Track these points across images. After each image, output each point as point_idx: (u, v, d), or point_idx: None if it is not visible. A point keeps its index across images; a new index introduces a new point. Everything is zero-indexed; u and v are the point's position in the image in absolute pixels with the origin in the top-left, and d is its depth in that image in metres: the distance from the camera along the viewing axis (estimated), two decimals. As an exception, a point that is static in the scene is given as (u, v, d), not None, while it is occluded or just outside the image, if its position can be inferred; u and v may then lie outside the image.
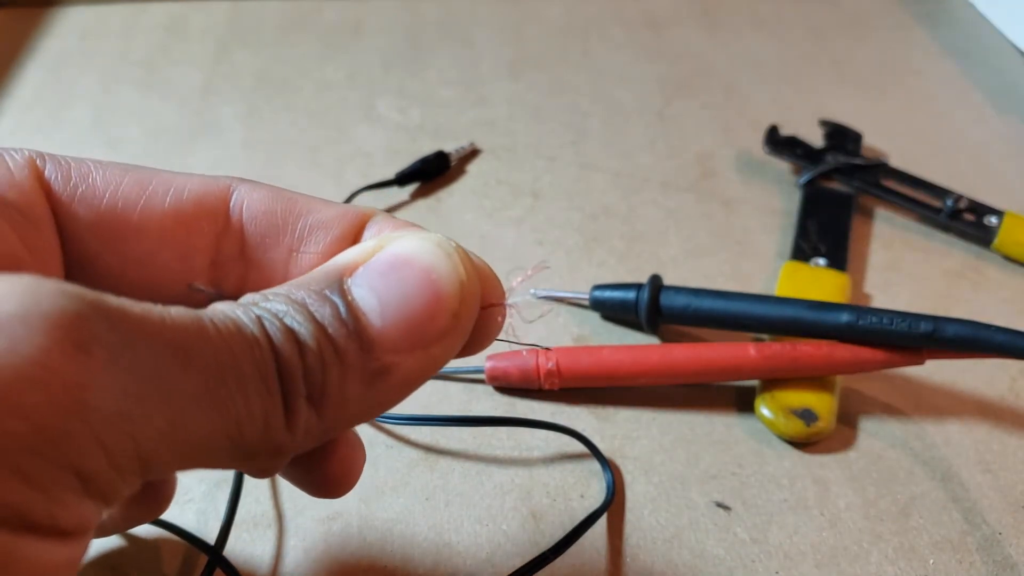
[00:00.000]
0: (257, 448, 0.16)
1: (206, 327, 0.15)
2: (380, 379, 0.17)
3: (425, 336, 0.17)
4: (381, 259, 0.17)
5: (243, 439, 0.15)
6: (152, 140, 0.49)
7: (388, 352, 0.17)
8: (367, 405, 0.17)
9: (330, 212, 0.20)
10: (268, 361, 0.15)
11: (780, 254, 0.43)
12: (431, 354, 0.17)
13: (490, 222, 0.45)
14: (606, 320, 0.39)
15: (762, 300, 0.35)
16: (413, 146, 0.49)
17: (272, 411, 0.15)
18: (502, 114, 0.52)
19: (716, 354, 0.35)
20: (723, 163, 0.49)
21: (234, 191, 0.20)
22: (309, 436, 0.16)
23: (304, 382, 0.16)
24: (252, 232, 0.20)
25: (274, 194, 0.20)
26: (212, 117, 0.51)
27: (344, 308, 0.16)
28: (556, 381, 0.35)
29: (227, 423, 0.15)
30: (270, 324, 0.16)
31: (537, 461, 0.33)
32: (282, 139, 0.50)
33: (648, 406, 0.36)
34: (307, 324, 0.16)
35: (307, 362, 0.16)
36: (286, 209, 0.20)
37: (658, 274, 0.38)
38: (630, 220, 0.45)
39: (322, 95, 0.53)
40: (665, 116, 0.53)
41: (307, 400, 0.16)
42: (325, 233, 0.20)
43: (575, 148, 0.50)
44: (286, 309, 0.16)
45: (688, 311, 0.36)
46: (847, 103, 0.54)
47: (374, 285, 0.17)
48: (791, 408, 0.34)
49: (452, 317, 0.17)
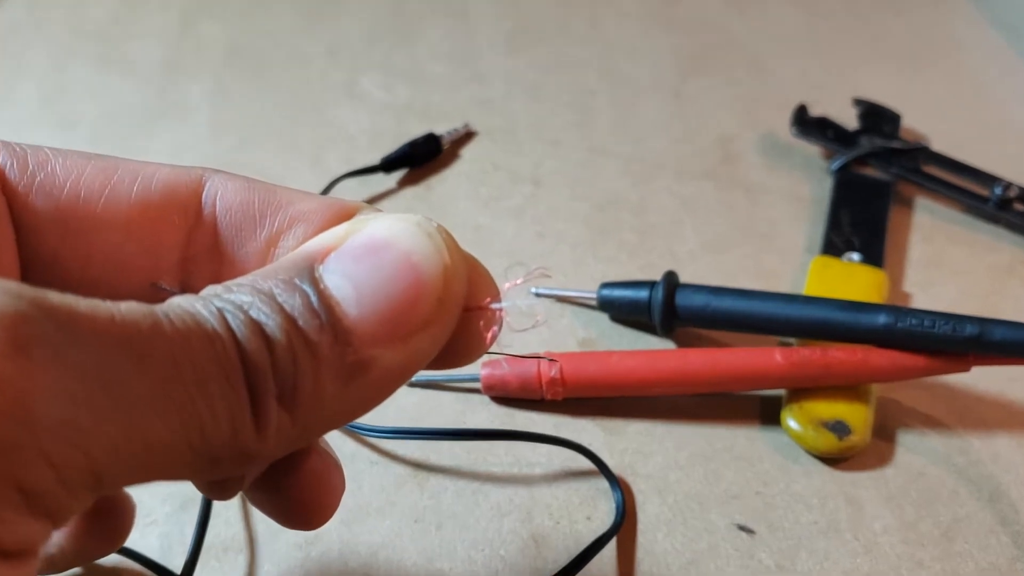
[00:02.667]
0: (223, 455, 0.16)
1: (161, 323, 0.15)
2: (358, 375, 0.17)
3: (407, 326, 0.17)
4: (355, 243, 0.17)
5: (207, 445, 0.15)
6: (108, 122, 0.49)
7: (366, 344, 0.17)
8: (345, 405, 0.17)
9: (311, 204, 0.20)
10: (232, 358, 0.15)
11: (809, 248, 0.43)
12: (414, 346, 0.17)
13: (486, 212, 0.44)
14: (615, 322, 0.39)
15: (789, 300, 0.35)
16: (400, 128, 0.49)
17: (239, 413, 0.15)
18: (499, 92, 0.52)
19: (738, 360, 0.35)
20: (746, 147, 0.49)
21: (207, 182, 0.20)
22: (281, 440, 0.16)
23: (274, 380, 0.16)
24: (226, 226, 0.20)
25: (250, 185, 0.20)
26: (176, 96, 0.51)
27: (316, 297, 0.16)
28: (560, 390, 0.35)
29: (188, 428, 0.15)
30: (233, 317, 0.16)
31: (539, 479, 0.33)
32: (254, 120, 0.50)
33: (662, 418, 0.36)
34: (275, 316, 0.16)
35: (276, 358, 0.16)
36: (263, 201, 0.20)
37: (673, 271, 0.38)
38: (642, 211, 0.45)
39: (299, 71, 0.53)
40: (682, 94, 0.53)
41: (278, 400, 0.16)
42: (305, 227, 0.20)
43: (581, 130, 0.50)
44: (251, 300, 0.16)
45: (707, 312, 0.36)
46: (884, 80, 0.54)
47: (348, 271, 0.17)
48: (822, 420, 0.34)
49: (436, 304, 0.17)
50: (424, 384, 0.36)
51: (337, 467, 0.22)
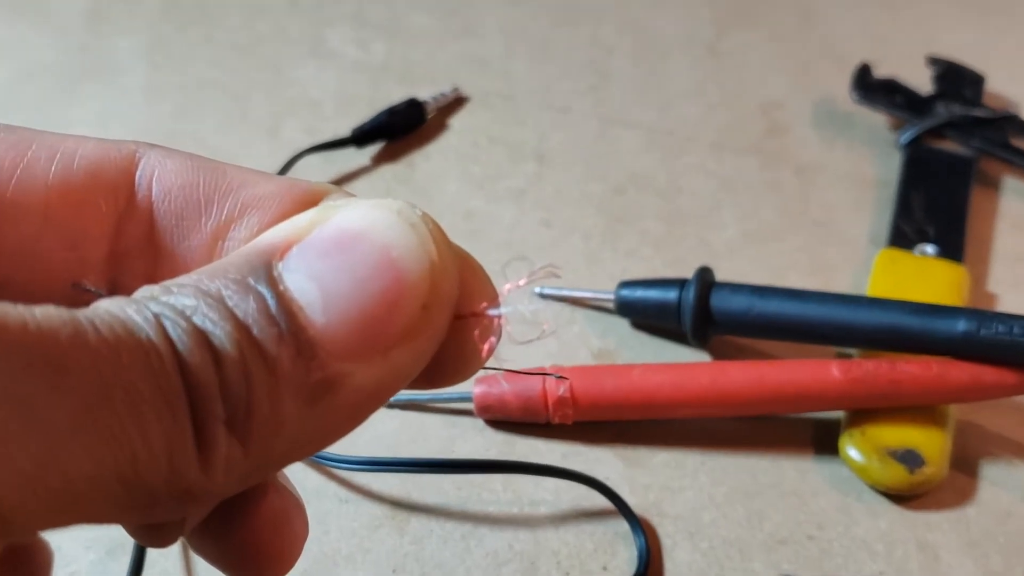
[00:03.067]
0: (161, 493, 0.16)
1: (85, 332, 0.15)
2: (326, 396, 0.17)
3: (385, 336, 0.17)
4: (322, 235, 0.17)
5: (140, 481, 0.15)
6: (21, 84, 0.49)
7: (335, 358, 0.17)
8: (309, 432, 0.17)
9: (268, 187, 0.20)
10: (171, 374, 0.15)
11: (873, 239, 0.43)
12: (394, 361, 0.17)
13: (480, 196, 0.44)
14: (637, 329, 0.39)
15: (849, 302, 0.35)
16: (376, 92, 0.49)
17: (179, 442, 0.15)
18: (496, 49, 0.52)
19: (787, 375, 0.34)
20: (796, 116, 0.49)
21: (141, 159, 0.20)
22: (232, 475, 0.16)
23: (222, 402, 0.16)
24: (164, 213, 0.20)
25: (194, 164, 0.20)
26: (102, 54, 0.51)
27: (274, 301, 0.16)
28: (570, 412, 0.35)
29: (117, 460, 0.15)
30: (173, 325, 0.16)
31: (544, 520, 0.33)
32: (197, 83, 0.50)
33: (694, 446, 0.36)
34: (224, 324, 0.16)
35: (225, 375, 0.16)
36: (209, 183, 0.20)
37: (708, 267, 0.38)
38: (670, 193, 0.45)
39: (252, 24, 0.53)
40: (718, 52, 0.52)
41: (227, 426, 0.16)
42: (261, 215, 0.20)
43: (595, 96, 0.50)
44: (195, 305, 0.16)
45: (749, 317, 0.36)
46: (964, 34, 0.54)
47: (313, 269, 0.17)
48: (888, 449, 0.34)
49: (420, 309, 0.17)
50: (404, 405, 0.36)
51: (299, 507, 0.22)
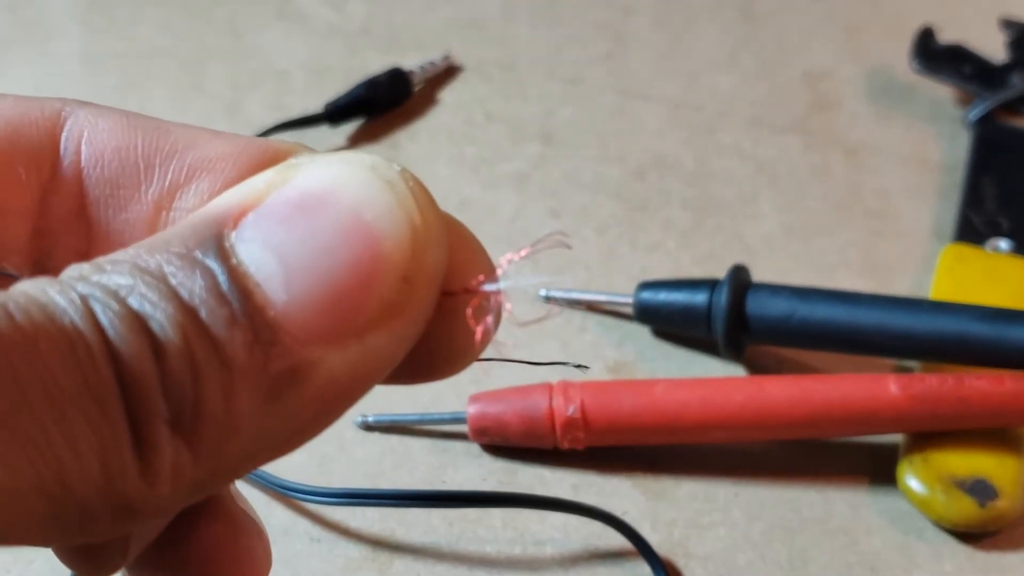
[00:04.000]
0: (95, 508, 0.15)
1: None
2: (289, 388, 0.16)
3: (358, 315, 0.17)
4: (282, 198, 0.17)
5: (68, 494, 0.15)
6: (-61, 52, 0.49)
7: (300, 343, 0.16)
8: (271, 432, 0.17)
9: (220, 147, 0.20)
10: (100, 367, 0.15)
11: (937, 233, 0.43)
12: (370, 345, 0.17)
13: (476, 181, 0.44)
14: (660, 337, 0.39)
15: (909, 307, 0.35)
16: (353, 61, 0.49)
17: (113, 448, 0.15)
18: (494, 9, 0.52)
19: (836, 392, 0.34)
20: (846, 88, 0.49)
21: (67, 119, 0.20)
22: (180, 484, 0.16)
23: (164, 399, 0.16)
24: (96, 182, 0.20)
25: (130, 123, 0.20)
26: (33, 14, 0.51)
27: (225, 277, 0.16)
28: (581, 435, 0.35)
29: (37, 470, 0.15)
30: (104, 309, 0.16)
31: (551, 562, 0.33)
32: (145, 50, 0.50)
33: (726, 475, 0.35)
34: (165, 306, 0.16)
35: (168, 367, 0.16)
36: (150, 145, 0.20)
37: (743, 264, 0.38)
38: (699, 179, 0.45)
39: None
40: (754, 13, 0.52)
41: (171, 427, 0.16)
42: (212, 179, 0.20)
43: (610, 64, 0.50)
44: (131, 284, 0.16)
45: (791, 324, 0.36)
46: (1042, -7, 0.54)
47: (272, 238, 0.17)
48: (956, 478, 0.34)
49: (400, 283, 0.17)
50: (387, 427, 0.36)
51: (259, 533, 0.22)
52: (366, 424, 0.36)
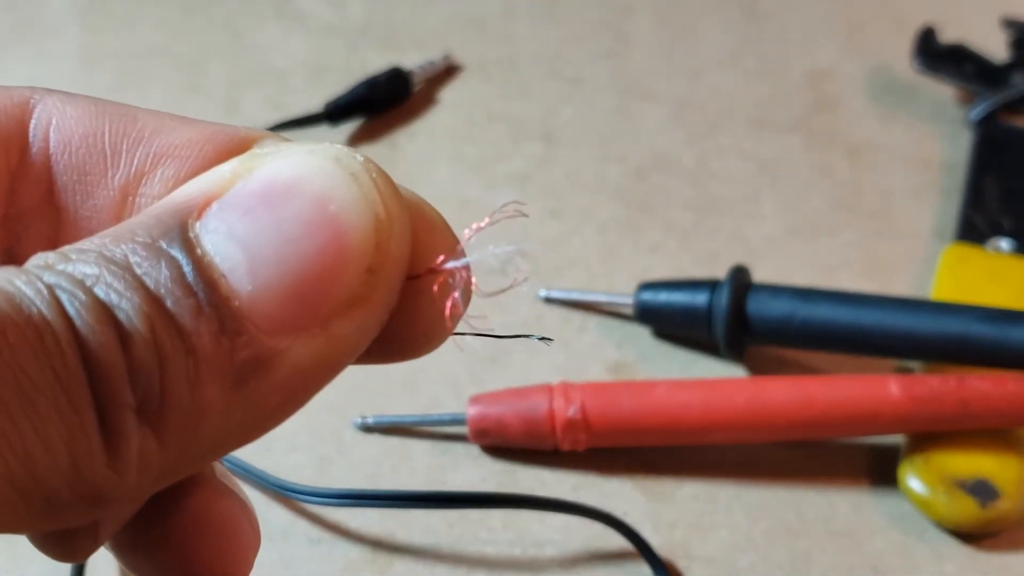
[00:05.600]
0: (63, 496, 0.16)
1: None
2: (255, 376, 0.17)
3: (323, 305, 0.17)
4: (247, 188, 0.17)
5: (37, 484, 0.15)
6: (-63, 52, 0.49)
7: (266, 332, 0.17)
8: (238, 420, 0.17)
9: (186, 134, 0.20)
10: (68, 357, 0.15)
11: (939, 233, 0.43)
12: (336, 333, 0.17)
13: (477, 181, 0.44)
14: (660, 338, 0.39)
15: (909, 307, 0.35)
16: (353, 60, 0.49)
17: (81, 436, 0.15)
18: (494, 8, 0.52)
19: (837, 394, 0.34)
20: (848, 87, 0.49)
21: (35, 106, 0.20)
22: (147, 472, 0.16)
23: (131, 388, 0.16)
24: (65, 168, 0.20)
25: (98, 109, 0.20)
26: (31, 14, 0.51)
27: (190, 267, 0.17)
28: (582, 436, 0.35)
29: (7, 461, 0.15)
30: (70, 298, 0.16)
31: (551, 563, 0.33)
32: (144, 49, 0.49)
33: (728, 476, 0.35)
34: (131, 296, 0.16)
35: (134, 356, 0.16)
36: (117, 131, 0.20)
37: (744, 265, 0.38)
38: (699, 178, 0.45)
39: (208, -20, 0.53)
40: (756, 12, 0.52)
41: (138, 415, 0.16)
42: (178, 166, 0.20)
43: (612, 63, 0.50)
44: (97, 273, 0.16)
45: (792, 325, 0.36)
46: (1044, -8, 0.54)
47: (237, 229, 0.17)
48: (957, 479, 0.34)
49: (365, 274, 0.17)
50: (387, 428, 0.36)
51: (245, 509, 0.22)
52: (366, 426, 0.36)
